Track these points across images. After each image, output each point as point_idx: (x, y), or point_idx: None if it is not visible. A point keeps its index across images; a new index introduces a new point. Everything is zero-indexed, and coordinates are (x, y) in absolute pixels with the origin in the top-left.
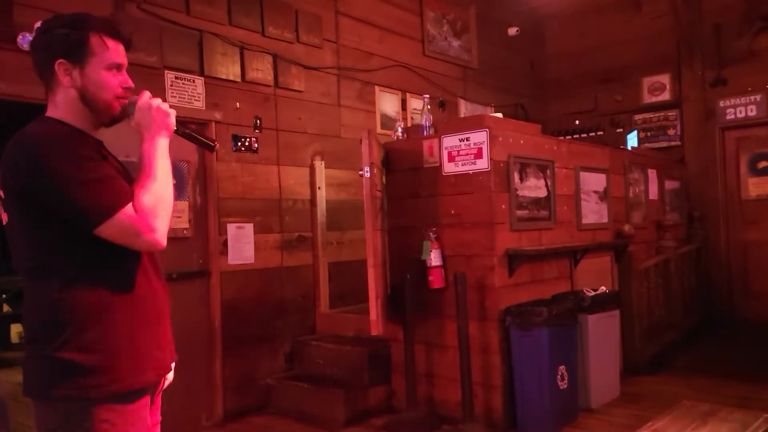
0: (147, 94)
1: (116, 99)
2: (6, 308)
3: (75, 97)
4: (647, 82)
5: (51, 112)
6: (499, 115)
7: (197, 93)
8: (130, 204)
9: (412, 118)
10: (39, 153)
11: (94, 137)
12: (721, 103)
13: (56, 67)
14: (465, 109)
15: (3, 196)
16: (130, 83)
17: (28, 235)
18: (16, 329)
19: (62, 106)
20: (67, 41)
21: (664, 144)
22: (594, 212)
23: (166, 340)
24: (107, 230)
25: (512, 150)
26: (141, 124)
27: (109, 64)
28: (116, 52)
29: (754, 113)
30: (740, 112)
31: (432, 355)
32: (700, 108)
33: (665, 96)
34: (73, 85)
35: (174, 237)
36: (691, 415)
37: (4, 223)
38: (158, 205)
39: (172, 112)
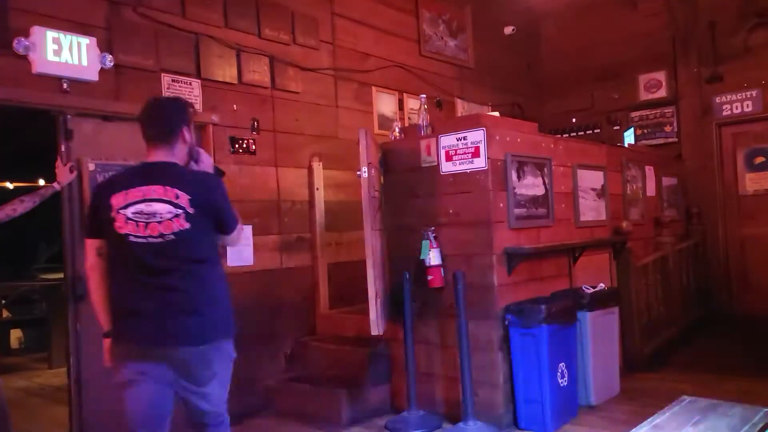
0: (206, 155)
1: None
2: (6, 313)
3: (186, 151)
4: (643, 79)
5: (174, 159)
6: (496, 114)
7: (194, 95)
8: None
9: (409, 118)
10: (224, 190)
11: None
12: (717, 99)
13: (183, 130)
14: (462, 108)
15: (193, 213)
16: None
17: (206, 244)
18: (15, 335)
19: (179, 156)
20: (191, 117)
21: (660, 141)
22: (592, 209)
23: None
24: (235, 233)
25: (509, 148)
26: (205, 166)
27: (192, 132)
28: None
29: (750, 109)
30: (736, 108)
31: (432, 354)
32: (696, 104)
33: (661, 93)
34: (188, 142)
35: None
36: (691, 411)
37: (175, 233)
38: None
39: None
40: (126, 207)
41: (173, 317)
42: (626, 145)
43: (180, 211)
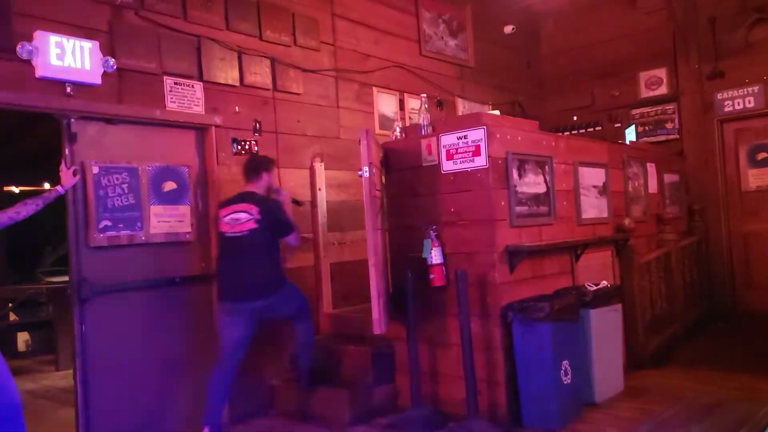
0: (286, 192)
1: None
2: (12, 316)
3: (265, 186)
4: (644, 76)
5: (255, 189)
6: (497, 112)
7: (196, 98)
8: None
9: (410, 118)
10: (282, 208)
11: None
12: (719, 96)
13: (263, 174)
14: (462, 107)
15: (259, 218)
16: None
17: (266, 239)
18: (22, 337)
19: (259, 188)
20: (271, 167)
21: (662, 138)
22: (594, 207)
23: None
24: (291, 238)
25: (510, 147)
26: (282, 198)
27: (271, 178)
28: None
29: (752, 104)
30: (738, 104)
31: (435, 353)
32: (698, 101)
33: (662, 90)
34: (266, 181)
35: (177, 241)
36: (696, 407)
37: (247, 230)
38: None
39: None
40: (226, 216)
41: (244, 282)
42: (627, 143)
43: (251, 217)
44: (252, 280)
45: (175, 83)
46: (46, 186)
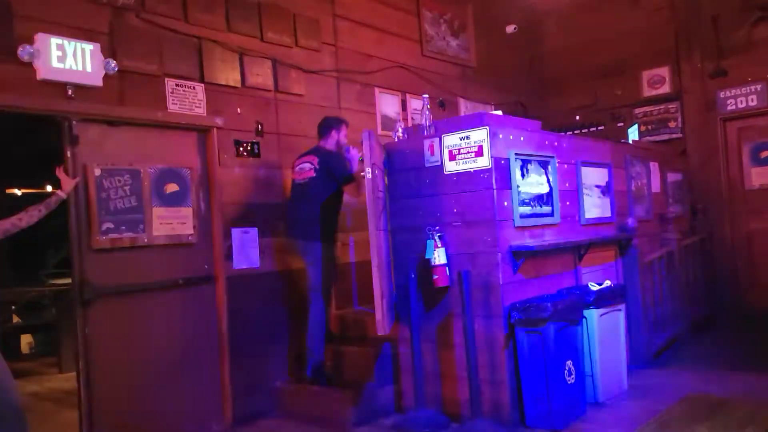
0: (355, 150)
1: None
2: (16, 319)
3: (335, 143)
4: (647, 75)
5: (323, 144)
6: (499, 112)
7: (198, 100)
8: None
9: (412, 119)
10: (339, 157)
11: None
12: (722, 94)
13: (333, 131)
14: (465, 107)
15: (317, 168)
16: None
17: (323, 188)
18: (26, 340)
19: (328, 144)
20: (341, 126)
21: (665, 137)
22: (597, 207)
23: None
24: (350, 188)
25: (513, 147)
26: (350, 156)
27: (343, 135)
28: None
29: (754, 103)
30: (741, 103)
31: (438, 354)
32: (701, 99)
33: (665, 89)
34: (335, 139)
35: (179, 243)
36: (699, 407)
37: (308, 178)
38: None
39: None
40: (297, 166)
41: (300, 222)
42: (630, 142)
43: (312, 167)
44: (302, 220)
45: (177, 85)
46: (49, 188)
